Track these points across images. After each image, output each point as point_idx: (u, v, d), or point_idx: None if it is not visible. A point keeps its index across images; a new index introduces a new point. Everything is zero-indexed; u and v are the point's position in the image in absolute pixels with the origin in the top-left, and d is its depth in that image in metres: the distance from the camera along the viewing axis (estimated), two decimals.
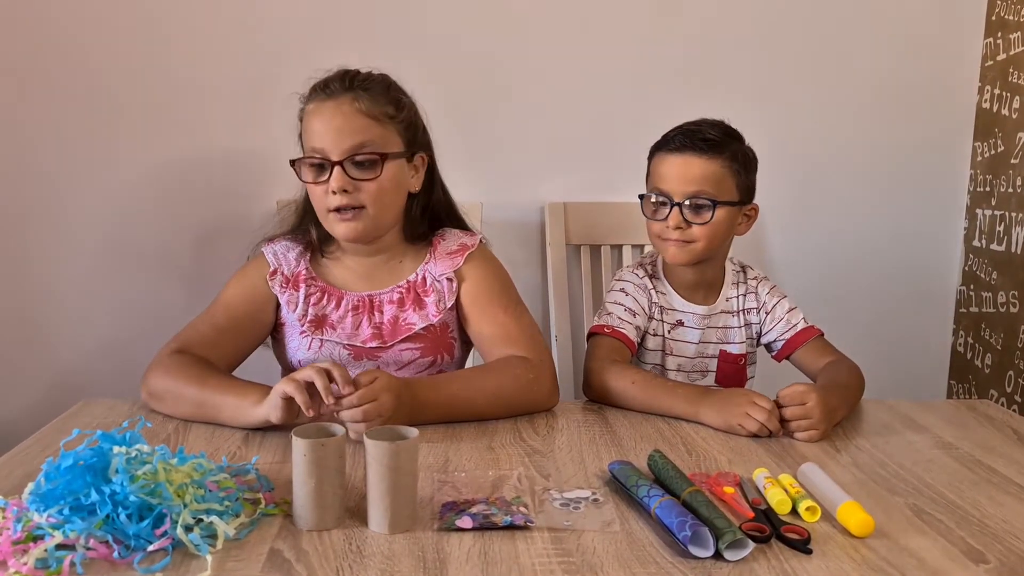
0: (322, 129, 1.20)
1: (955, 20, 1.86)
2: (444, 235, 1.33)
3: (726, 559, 0.76)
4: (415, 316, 1.27)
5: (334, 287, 1.28)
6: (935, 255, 1.95)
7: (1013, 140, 1.77)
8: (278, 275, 1.27)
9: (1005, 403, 1.77)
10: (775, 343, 1.41)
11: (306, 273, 1.28)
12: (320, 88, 1.23)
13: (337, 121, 1.19)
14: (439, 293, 1.28)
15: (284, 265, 1.28)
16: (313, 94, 1.23)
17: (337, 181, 1.18)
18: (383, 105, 1.22)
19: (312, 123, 1.21)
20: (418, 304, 1.28)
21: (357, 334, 1.26)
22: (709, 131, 1.30)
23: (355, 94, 1.20)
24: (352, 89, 1.21)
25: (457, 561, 0.75)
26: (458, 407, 1.14)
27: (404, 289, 1.28)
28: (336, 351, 1.26)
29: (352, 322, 1.26)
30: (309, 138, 1.22)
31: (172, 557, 0.74)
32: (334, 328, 1.26)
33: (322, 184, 1.20)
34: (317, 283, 1.28)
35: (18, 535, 0.75)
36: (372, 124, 1.20)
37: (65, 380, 1.80)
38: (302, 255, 1.29)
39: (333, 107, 1.20)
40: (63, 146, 1.75)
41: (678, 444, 1.09)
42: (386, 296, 1.28)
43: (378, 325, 1.26)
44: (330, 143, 1.19)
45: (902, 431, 1.16)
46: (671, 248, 1.33)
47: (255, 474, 0.90)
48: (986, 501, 0.92)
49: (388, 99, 1.23)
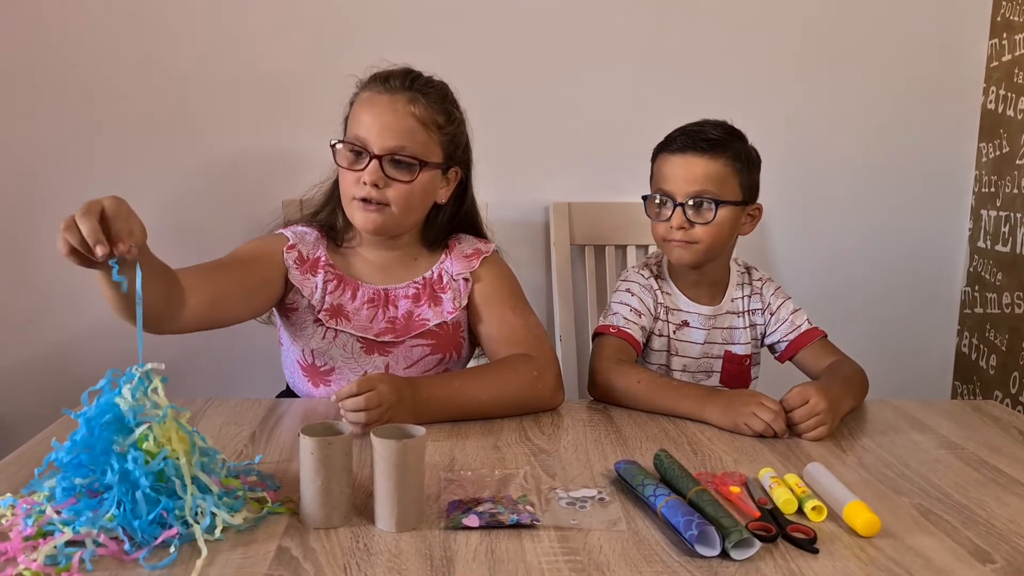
0: (370, 121, 1.20)
1: (960, 21, 1.86)
2: (459, 239, 1.34)
3: (732, 558, 0.76)
4: (430, 312, 1.28)
5: (350, 277, 1.28)
6: (940, 256, 1.95)
7: (1018, 141, 1.77)
8: (295, 250, 1.26)
9: (1010, 404, 1.77)
10: (779, 344, 1.42)
11: (324, 259, 1.28)
12: (380, 80, 1.23)
13: (387, 117, 1.20)
14: (456, 291, 1.29)
15: (302, 245, 1.28)
16: (371, 83, 1.24)
17: (372, 175, 1.19)
18: (435, 114, 1.23)
19: (362, 111, 1.22)
20: (434, 300, 1.28)
21: (371, 327, 1.26)
22: (711, 131, 1.30)
23: (413, 95, 1.21)
24: (411, 90, 1.22)
25: (464, 559, 0.76)
26: (461, 405, 1.15)
27: (420, 285, 1.29)
28: (349, 343, 1.26)
29: (367, 314, 1.27)
30: (355, 125, 1.22)
31: (179, 553, 0.75)
32: (349, 319, 1.26)
33: (356, 172, 1.21)
34: (335, 270, 1.28)
35: (29, 530, 0.75)
36: (419, 129, 1.21)
37: (71, 379, 1.80)
38: (319, 241, 1.30)
39: (388, 102, 1.20)
40: (65, 147, 1.75)
41: (684, 444, 1.09)
42: (401, 290, 1.28)
43: (392, 319, 1.27)
44: (375, 136, 1.19)
45: (907, 431, 1.16)
46: (675, 249, 1.33)
47: (257, 476, 0.91)
48: (992, 501, 0.92)
49: (441, 109, 1.24)
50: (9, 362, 1.80)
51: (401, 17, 1.76)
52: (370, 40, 1.73)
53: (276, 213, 1.70)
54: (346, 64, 1.28)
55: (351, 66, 1.27)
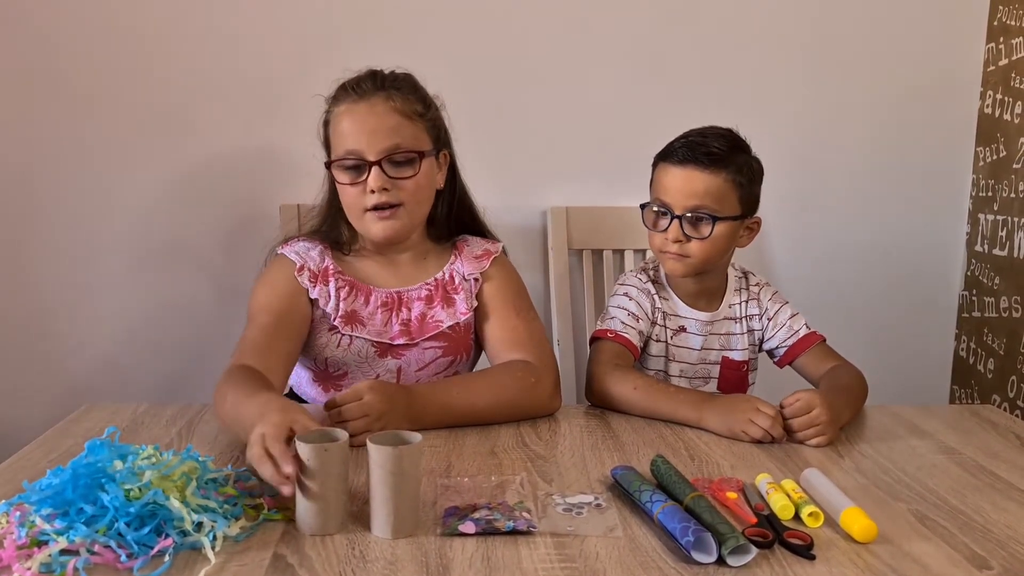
0: (356, 130, 1.20)
1: (957, 25, 1.86)
2: (467, 240, 1.35)
3: (729, 565, 0.76)
4: (443, 314, 1.28)
5: (362, 282, 1.28)
6: (937, 260, 1.95)
7: (1015, 145, 1.77)
8: (305, 271, 1.25)
9: (1008, 408, 1.77)
10: (777, 350, 1.41)
11: (333, 267, 1.27)
12: (351, 89, 1.22)
13: (372, 122, 1.20)
14: (467, 292, 1.29)
15: (309, 262, 1.26)
16: (343, 95, 1.23)
17: (376, 181, 1.19)
18: (413, 103, 1.23)
19: (344, 125, 1.21)
20: (447, 302, 1.28)
21: (385, 331, 1.26)
22: (714, 144, 1.28)
23: (387, 93, 1.21)
24: (384, 88, 1.21)
25: (460, 566, 0.75)
26: (458, 410, 1.14)
27: (432, 287, 1.29)
28: (364, 348, 1.26)
29: (381, 318, 1.26)
30: (341, 140, 1.21)
31: (173, 562, 0.74)
32: (364, 324, 1.26)
33: (358, 185, 1.21)
34: (345, 277, 1.27)
35: (23, 540, 0.75)
36: (405, 122, 1.21)
37: (68, 384, 1.80)
38: (324, 253, 1.29)
39: (367, 108, 1.20)
40: (64, 150, 1.75)
41: (681, 449, 1.09)
42: (414, 293, 1.28)
43: (406, 322, 1.27)
44: (366, 144, 1.19)
45: (905, 436, 1.16)
46: (670, 261, 1.32)
47: (256, 481, 0.90)
48: (989, 507, 0.92)
49: (417, 97, 1.24)
50: (7, 366, 1.80)
51: (399, 21, 1.76)
52: (367, 44, 1.72)
53: (273, 218, 1.70)
54: (344, 67, 1.27)
55: (349, 69, 1.27)
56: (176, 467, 0.83)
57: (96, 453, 0.84)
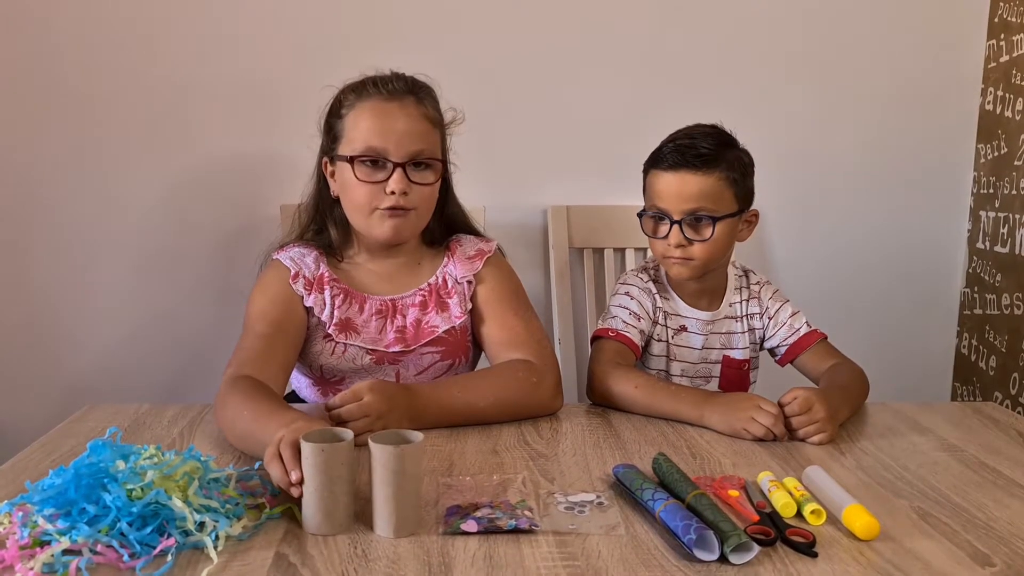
0: (385, 128, 1.19)
1: (957, 22, 1.86)
2: (461, 240, 1.34)
3: (731, 562, 0.76)
4: (438, 319, 1.27)
5: (356, 290, 1.27)
6: (939, 257, 1.95)
7: (1016, 142, 1.77)
8: (300, 278, 1.25)
9: (1010, 405, 1.77)
10: (778, 348, 1.41)
11: (328, 275, 1.27)
12: (380, 86, 1.21)
13: (402, 124, 1.19)
14: (461, 295, 1.29)
15: (304, 268, 1.26)
16: (369, 91, 1.22)
17: (399, 184, 1.18)
18: (437, 113, 1.24)
19: (368, 121, 1.20)
20: (441, 307, 1.28)
21: (381, 338, 1.26)
22: (703, 144, 1.27)
23: (418, 98, 1.22)
24: (414, 93, 1.22)
25: (462, 565, 0.75)
26: (459, 410, 1.14)
27: (426, 292, 1.29)
28: (359, 356, 1.25)
29: (376, 326, 1.26)
30: (363, 135, 1.20)
31: (176, 562, 0.74)
32: (358, 332, 1.25)
33: (375, 184, 1.20)
34: (339, 284, 1.27)
35: (25, 540, 0.75)
36: (431, 130, 1.22)
37: (70, 384, 1.81)
38: (318, 259, 1.28)
39: (398, 108, 1.20)
40: (63, 152, 1.75)
41: (682, 447, 1.09)
42: (408, 299, 1.28)
43: (401, 329, 1.26)
44: (394, 144, 1.19)
45: (907, 434, 1.16)
46: (674, 266, 1.32)
47: (259, 479, 0.91)
48: (992, 504, 0.92)
49: (438, 107, 1.26)
50: (7, 366, 1.80)
51: (400, 21, 1.76)
52: (368, 44, 1.73)
53: (274, 218, 1.70)
54: (345, 68, 1.27)
55: (350, 70, 1.27)
56: (178, 467, 0.83)
57: (98, 453, 0.84)
